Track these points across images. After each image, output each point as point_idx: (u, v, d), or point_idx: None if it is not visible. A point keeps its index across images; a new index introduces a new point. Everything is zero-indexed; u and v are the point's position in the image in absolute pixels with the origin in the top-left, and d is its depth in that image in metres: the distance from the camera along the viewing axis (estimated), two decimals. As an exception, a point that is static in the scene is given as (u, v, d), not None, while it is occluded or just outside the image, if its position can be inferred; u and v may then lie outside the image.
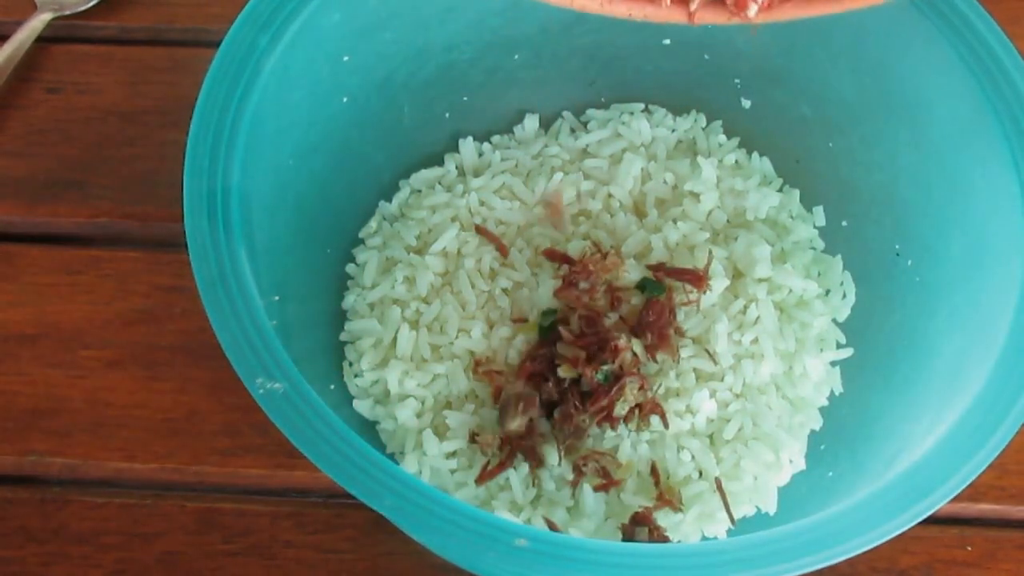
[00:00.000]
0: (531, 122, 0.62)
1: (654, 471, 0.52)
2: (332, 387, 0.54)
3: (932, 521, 0.40)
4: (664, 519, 0.51)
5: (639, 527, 0.49)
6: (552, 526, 0.50)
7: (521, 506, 0.51)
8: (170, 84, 0.67)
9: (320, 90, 0.52)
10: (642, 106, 0.62)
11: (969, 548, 0.55)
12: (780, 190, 0.61)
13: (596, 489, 0.51)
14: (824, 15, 0.36)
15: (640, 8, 0.35)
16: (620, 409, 0.52)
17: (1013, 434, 0.41)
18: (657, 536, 0.49)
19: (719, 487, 0.51)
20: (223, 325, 0.40)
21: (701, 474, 0.52)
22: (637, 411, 0.52)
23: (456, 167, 0.61)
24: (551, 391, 0.52)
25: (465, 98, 0.60)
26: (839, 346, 0.57)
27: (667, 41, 0.58)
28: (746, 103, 0.61)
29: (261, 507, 0.55)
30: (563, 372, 0.52)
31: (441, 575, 0.53)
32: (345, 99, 0.54)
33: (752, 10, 0.34)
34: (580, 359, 0.52)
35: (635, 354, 0.53)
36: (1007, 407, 0.42)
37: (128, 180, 0.64)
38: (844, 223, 0.59)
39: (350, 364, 0.55)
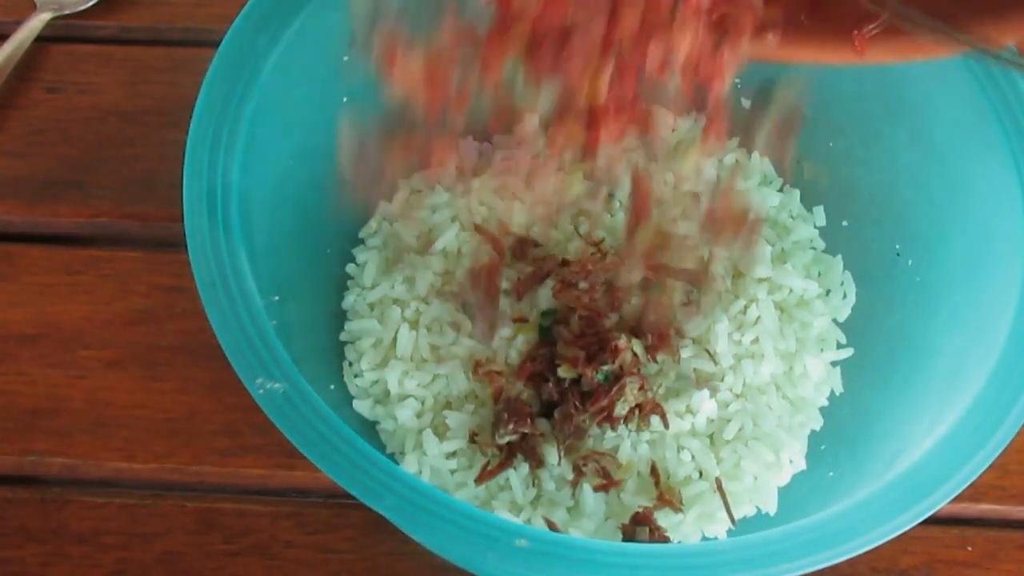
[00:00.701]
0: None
1: (654, 471, 0.52)
2: (332, 387, 0.54)
3: (933, 521, 0.40)
4: (664, 519, 0.51)
5: (639, 527, 0.49)
6: (552, 526, 0.50)
7: (521, 506, 0.51)
8: (170, 84, 0.67)
9: (320, 90, 0.51)
10: (642, 106, 0.62)
11: (970, 548, 0.54)
12: (780, 190, 0.61)
13: (596, 489, 0.51)
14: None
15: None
16: (620, 409, 0.52)
17: (1014, 434, 0.41)
18: (657, 536, 0.49)
19: (719, 487, 0.51)
20: (223, 325, 0.40)
21: (701, 474, 0.52)
22: (637, 411, 0.52)
23: (456, 167, 0.61)
24: (551, 391, 0.52)
25: (465, 98, 0.60)
26: (839, 346, 0.57)
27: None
28: (746, 103, 0.60)
29: (261, 507, 0.55)
30: (563, 372, 0.52)
31: (441, 575, 0.52)
32: (345, 99, 0.54)
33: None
34: (580, 359, 0.52)
35: (635, 354, 0.53)
36: (1007, 407, 0.42)
37: (128, 180, 0.63)
38: (844, 223, 0.59)
39: (350, 364, 0.55)
